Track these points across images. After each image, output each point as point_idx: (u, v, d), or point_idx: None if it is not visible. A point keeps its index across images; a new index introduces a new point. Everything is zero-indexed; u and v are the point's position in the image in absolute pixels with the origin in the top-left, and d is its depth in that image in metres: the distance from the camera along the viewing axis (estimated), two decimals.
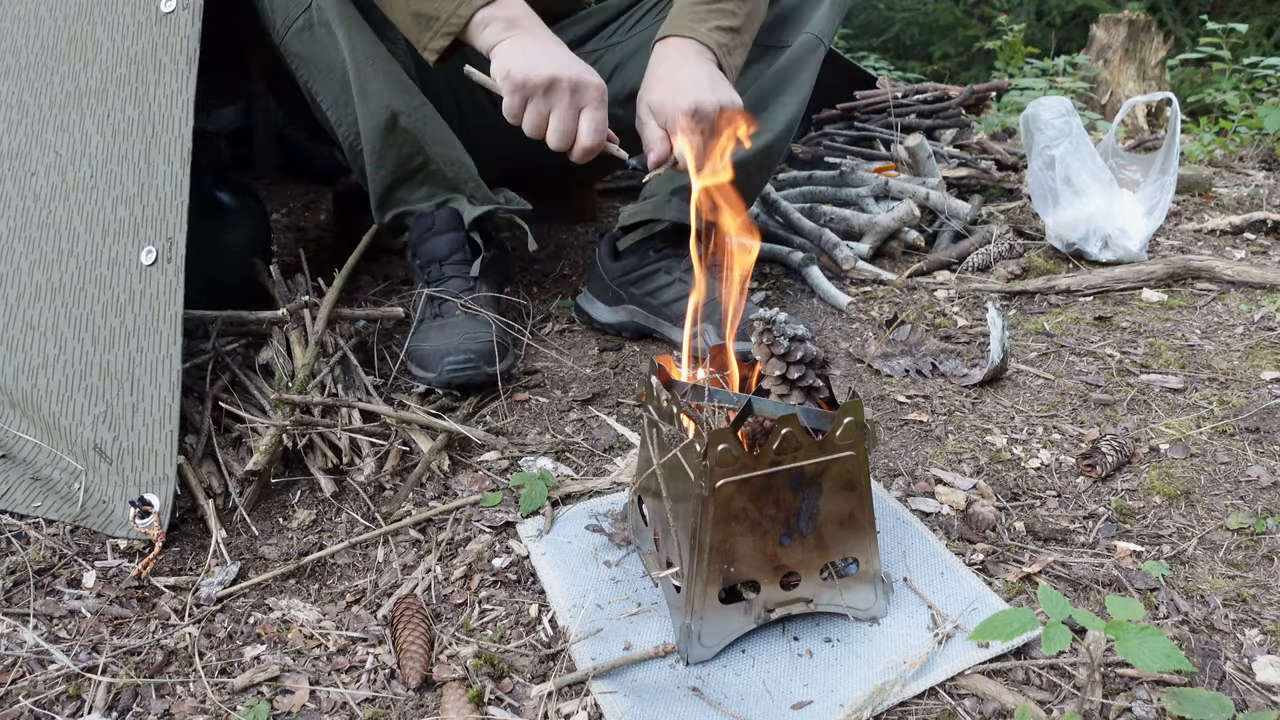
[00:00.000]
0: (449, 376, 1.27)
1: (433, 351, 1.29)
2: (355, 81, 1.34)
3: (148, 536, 1.00)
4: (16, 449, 1.10)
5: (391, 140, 1.38)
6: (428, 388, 1.31)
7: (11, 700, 0.81)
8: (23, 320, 1.13)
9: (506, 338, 1.37)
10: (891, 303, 1.67)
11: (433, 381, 1.28)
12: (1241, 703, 0.80)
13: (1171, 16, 5.25)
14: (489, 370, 1.29)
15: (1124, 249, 1.80)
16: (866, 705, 0.78)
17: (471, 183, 1.46)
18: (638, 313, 1.51)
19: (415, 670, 0.82)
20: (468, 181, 1.45)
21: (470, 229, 1.45)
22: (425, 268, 1.44)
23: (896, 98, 2.50)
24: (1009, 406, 1.30)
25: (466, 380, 1.28)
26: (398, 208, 1.46)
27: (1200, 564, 0.98)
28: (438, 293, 1.38)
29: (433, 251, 1.44)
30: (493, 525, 1.05)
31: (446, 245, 1.43)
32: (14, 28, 1.25)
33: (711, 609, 0.82)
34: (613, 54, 1.68)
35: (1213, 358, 1.43)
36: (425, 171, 1.43)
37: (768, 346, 0.87)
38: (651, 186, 1.54)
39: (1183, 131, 3.11)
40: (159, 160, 1.11)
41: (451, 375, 1.27)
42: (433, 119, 1.41)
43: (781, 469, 0.80)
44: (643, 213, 1.51)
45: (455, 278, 1.42)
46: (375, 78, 1.34)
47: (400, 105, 1.36)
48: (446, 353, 1.28)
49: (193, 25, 1.12)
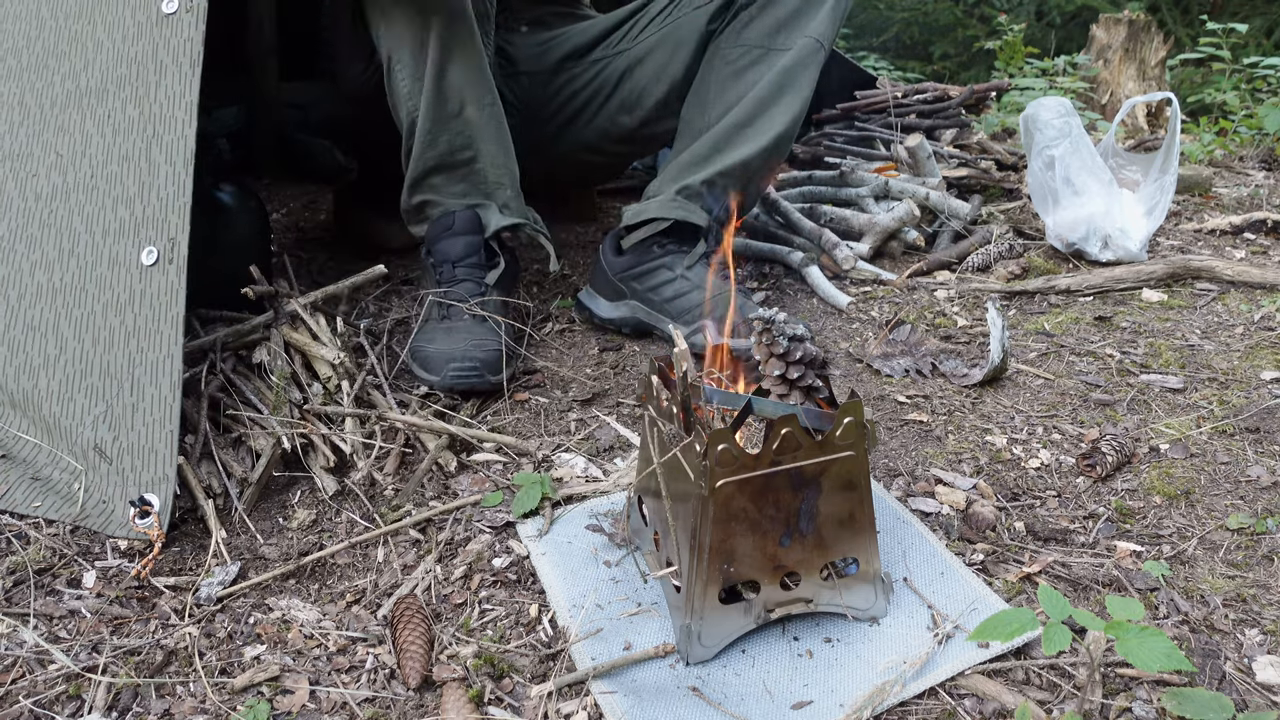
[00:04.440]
0: (452, 381, 1.27)
1: (437, 355, 1.29)
2: (439, 62, 1.36)
3: (148, 536, 1.00)
4: (17, 449, 1.10)
5: (451, 126, 1.40)
6: (429, 388, 1.31)
7: (11, 700, 0.81)
8: (24, 321, 1.13)
9: (511, 345, 1.37)
10: (891, 303, 1.67)
11: (435, 385, 1.29)
12: (1241, 703, 0.80)
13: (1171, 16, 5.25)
14: (492, 379, 1.29)
15: (1124, 249, 1.80)
16: (866, 705, 0.79)
17: (509, 192, 1.47)
18: (639, 309, 1.52)
19: (415, 670, 0.82)
20: (506, 190, 1.46)
21: (490, 237, 1.45)
22: (438, 266, 1.44)
23: (896, 98, 2.50)
24: (1009, 406, 1.30)
25: (470, 388, 1.28)
26: (428, 194, 1.46)
27: (1200, 564, 0.98)
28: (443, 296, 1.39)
29: (447, 251, 1.44)
30: (493, 525, 1.05)
31: (463, 248, 1.43)
32: (15, 28, 1.25)
33: (711, 609, 0.82)
34: (620, 60, 1.69)
35: (1213, 358, 1.43)
36: (469, 168, 1.44)
37: (767, 346, 0.87)
38: (654, 186, 1.55)
39: (1183, 131, 3.11)
40: (161, 161, 1.11)
41: (455, 381, 1.27)
42: (497, 120, 1.43)
43: (781, 469, 0.80)
44: (646, 211, 1.51)
45: (467, 281, 1.42)
46: (458, 63, 1.36)
47: (471, 96, 1.38)
48: (452, 358, 1.28)
49: (196, 28, 1.12)
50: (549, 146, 1.77)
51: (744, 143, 1.48)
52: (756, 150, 1.48)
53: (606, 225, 2.12)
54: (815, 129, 2.58)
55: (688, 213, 1.49)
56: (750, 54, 1.48)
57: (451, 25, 1.35)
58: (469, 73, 1.37)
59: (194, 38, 1.12)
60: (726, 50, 1.51)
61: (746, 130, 1.48)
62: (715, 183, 1.49)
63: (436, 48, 1.35)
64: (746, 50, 1.49)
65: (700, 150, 1.50)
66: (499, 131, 1.44)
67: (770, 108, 1.48)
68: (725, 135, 1.49)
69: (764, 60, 1.48)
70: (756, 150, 1.48)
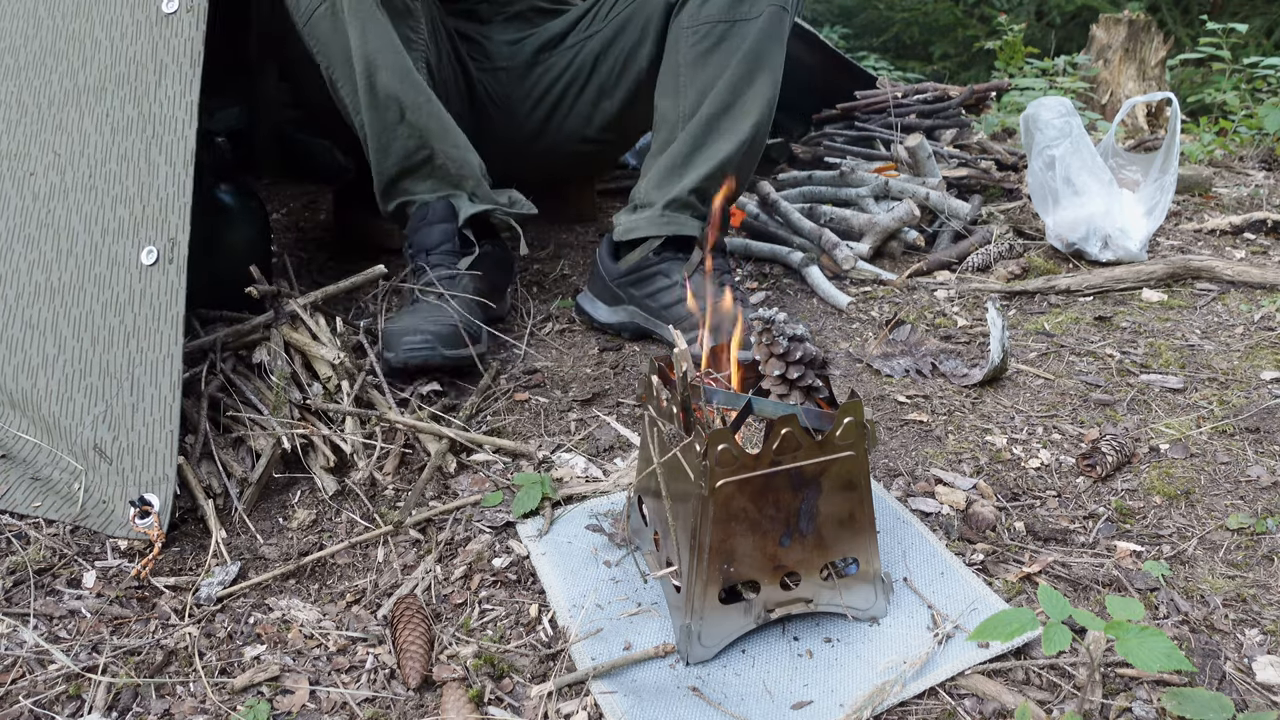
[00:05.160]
0: (405, 356, 1.26)
1: (396, 331, 1.29)
2: (366, 73, 1.35)
3: (148, 536, 1.00)
4: (16, 449, 1.10)
5: (398, 132, 1.40)
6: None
7: (11, 700, 0.81)
8: (22, 320, 1.13)
9: (475, 325, 1.37)
10: (891, 303, 1.67)
11: (392, 361, 1.28)
12: (1241, 703, 0.80)
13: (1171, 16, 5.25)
14: (447, 353, 1.28)
15: (1124, 249, 1.80)
16: (866, 705, 0.78)
17: (473, 181, 1.47)
18: (637, 314, 1.51)
19: (415, 670, 0.82)
20: (469, 179, 1.46)
21: (464, 225, 1.46)
22: (415, 257, 1.46)
23: (896, 98, 2.50)
24: (1009, 406, 1.30)
25: (423, 360, 1.27)
26: (401, 196, 1.48)
27: (1200, 564, 0.98)
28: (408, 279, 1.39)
29: (423, 241, 1.45)
30: (493, 525, 1.05)
31: (438, 235, 1.45)
32: (12, 26, 1.25)
33: (711, 609, 0.82)
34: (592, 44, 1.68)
35: (1213, 358, 1.43)
36: (430, 165, 1.44)
37: (767, 346, 0.87)
38: (641, 191, 1.54)
39: (1183, 131, 3.11)
40: (160, 161, 1.11)
41: (408, 355, 1.26)
42: (439, 115, 1.42)
43: (781, 469, 0.80)
44: (637, 229, 1.51)
45: (439, 267, 1.43)
46: (384, 70, 1.35)
47: (407, 99, 1.37)
48: (405, 333, 1.28)
49: (197, 28, 1.12)
50: (537, 139, 1.77)
51: (721, 137, 1.46)
52: (735, 146, 1.46)
53: (606, 225, 2.12)
54: (815, 129, 2.58)
55: (679, 226, 1.49)
56: (715, 30, 1.45)
57: (365, 33, 1.33)
58: (394, 76, 1.36)
59: (194, 37, 1.12)
60: (689, 28, 1.47)
61: (723, 121, 1.46)
62: (701, 189, 1.48)
63: (359, 58, 1.34)
64: (711, 27, 1.45)
65: (681, 150, 1.49)
66: (443, 127, 1.43)
67: (744, 94, 1.45)
68: (703, 130, 1.46)
69: (730, 36, 1.44)
70: (735, 146, 1.46)
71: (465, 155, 1.45)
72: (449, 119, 1.44)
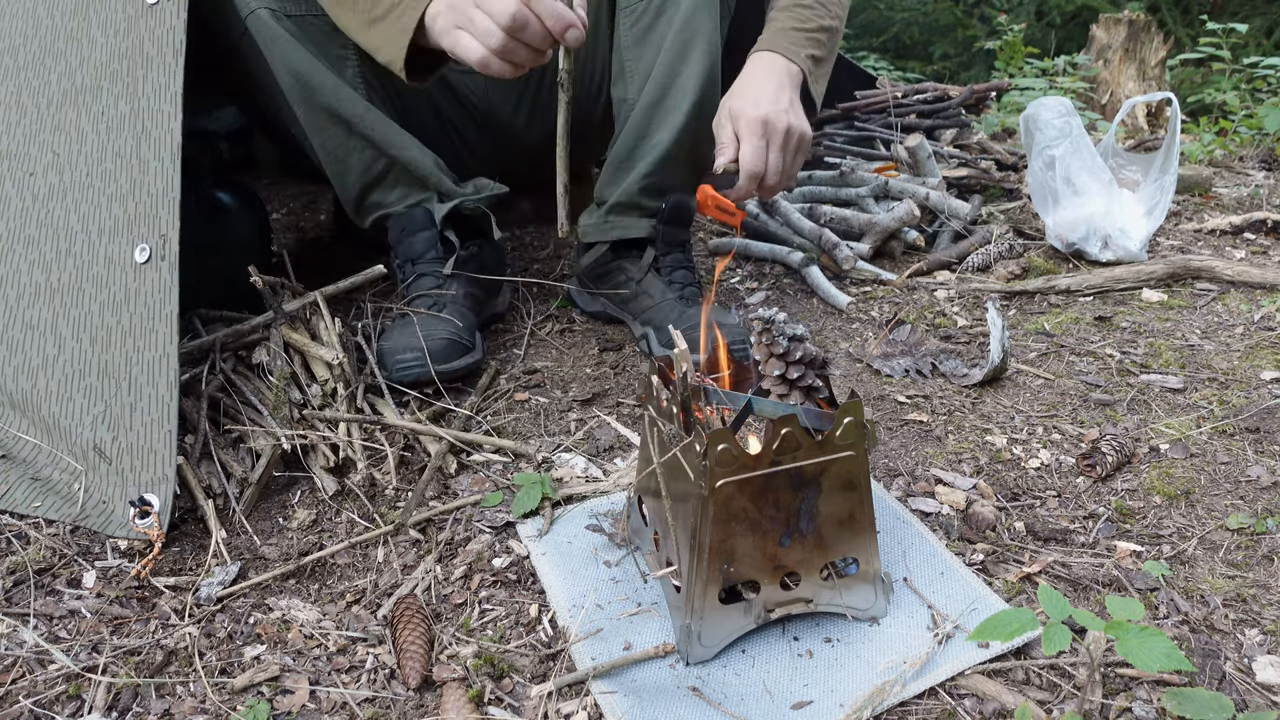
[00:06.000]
0: (398, 375, 1.28)
1: (388, 350, 1.31)
2: (303, 96, 1.34)
3: (148, 536, 1.00)
4: (16, 449, 1.10)
5: (351, 146, 1.40)
6: (433, 388, 1.31)
7: (11, 700, 0.81)
8: (22, 320, 1.13)
9: (467, 336, 1.37)
10: (891, 303, 1.67)
11: (387, 380, 1.29)
12: (1241, 703, 0.80)
13: (1171, 16, 5.25)
14: (438, 368, 1.29)
15: (1124, 249, 1.80)
16: (866, 705, 0.78)
17: (434, 178, 1.46)
18: (609, 305, 1.56)
19: (415, 670, 0.82)
20: (430, 177, 1.46)
21: (444, 227, 1.46)
22: (401, 268, 1.47)
23: (896, 98, 2.50)
24: (1009, 406, 1.30)
25: (414, 379, 1.28)
26: (376, 212, 1.48)
27: (1200, 564, 0.98)
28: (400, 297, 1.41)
29: (408, 252, 1.46)
30: (493, 525, 1.05)
31: (420, 245, 1.45)
32: (10, 26, 1.25)
33: (711, 609, 0.82)
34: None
35: (1213, 358, 1.43)
36: (393, 173, 1.44)
37: (767, 346, 0.87)
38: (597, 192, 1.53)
39: (1183, 131, 3.12)
40: (149, 156, 1.11)
41: (400, 374, 1.28)
42: (383, 122, 1.41)
43: (781, 469, 0.80)
44: (589, 234, 1.53)
45: (426, 276, 1.44)
46: (319, 90, 1.34)
47: (348, 112, 1.36)
48: (397, 351, 1.29)
49: (178, 16, 1.11)
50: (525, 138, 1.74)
51: (660, 126, 1.42)
52: (673, 136, 1.41)
53: None
54: (815, 129, 2.58)
55: (624, 229, 1.50)
56: (650, 7, 1.41)
57: (288, 58, 1.32)
58: (330, 94, 1.35)
59: (176, 26, 1.11)
60: (626, 9, 1.43)
61: (661, 107, 1.42)
62: (649, 185, 1.46)
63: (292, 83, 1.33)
64: (646, 5, 1.41)
65: (626, 143, 1.46)
66: (389, 132, 1.41)
67: (680, 73, 1.40)
68: (644, 119, 1.43)
69: (664, 11, 1.40)
70: (673, 136, 1.41)
71: (418, 155, 1.44)
72: (393, 124, 1.42)
